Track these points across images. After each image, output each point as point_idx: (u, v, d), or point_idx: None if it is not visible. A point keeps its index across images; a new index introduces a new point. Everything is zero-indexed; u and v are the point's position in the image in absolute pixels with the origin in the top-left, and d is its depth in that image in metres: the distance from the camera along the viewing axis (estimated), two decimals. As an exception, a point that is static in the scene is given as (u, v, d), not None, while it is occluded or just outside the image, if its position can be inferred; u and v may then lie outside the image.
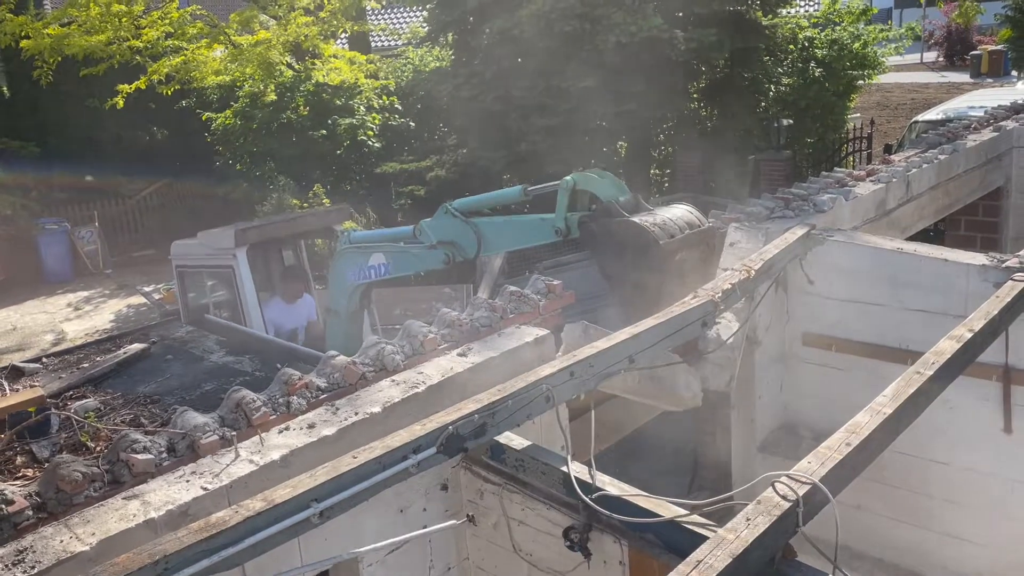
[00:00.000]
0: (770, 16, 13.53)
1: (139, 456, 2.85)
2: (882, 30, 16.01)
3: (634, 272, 4.44)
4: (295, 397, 3.25)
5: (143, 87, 14.25)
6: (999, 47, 23.93)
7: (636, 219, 4.47)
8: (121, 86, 14.01)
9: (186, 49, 14.26)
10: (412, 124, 15.88)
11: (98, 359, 4.39)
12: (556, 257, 9.56)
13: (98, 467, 2.82)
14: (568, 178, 4.90)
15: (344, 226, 8.29)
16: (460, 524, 3.38)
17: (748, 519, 2.46)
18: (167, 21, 14.27)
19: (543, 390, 3.19)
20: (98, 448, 3.17)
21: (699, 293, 4.17)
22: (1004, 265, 4.45)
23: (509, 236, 5.44)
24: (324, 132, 14.28)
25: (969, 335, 3.66)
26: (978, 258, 4.62)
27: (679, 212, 4.70)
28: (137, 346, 4.50)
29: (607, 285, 4.81)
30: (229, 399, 3.17)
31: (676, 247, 4.44)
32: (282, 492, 2.51)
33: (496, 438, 3.21)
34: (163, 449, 2.93)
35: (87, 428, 3.19)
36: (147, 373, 4.20)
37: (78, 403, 3.58)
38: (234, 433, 2.98)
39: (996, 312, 3.90)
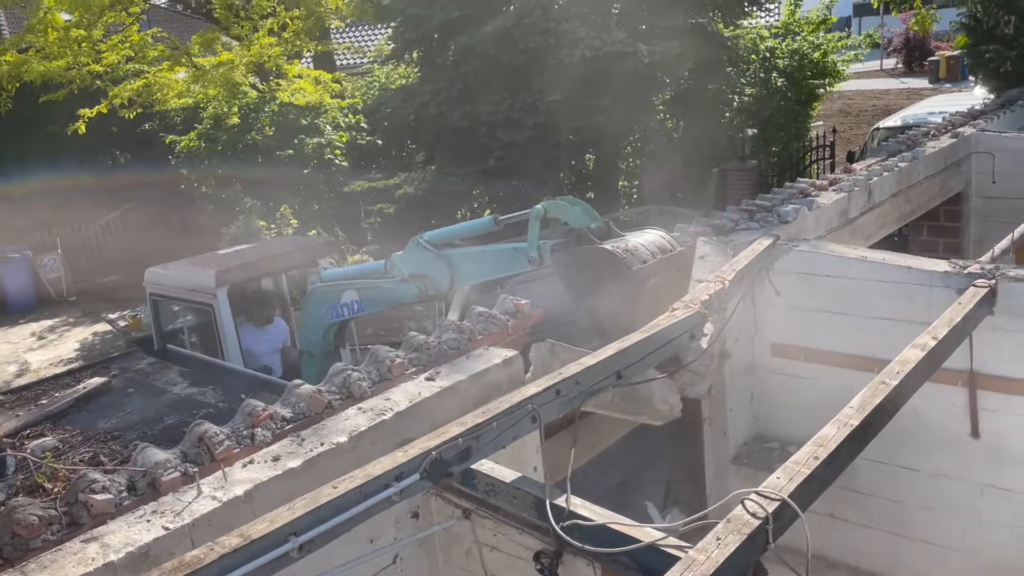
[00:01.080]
0: (731, 28, 13.71)
1: (98, 496, 2.77)
2: (841, 38, 16.29)
3: (607, 299, 4.43)
4: (259, 429, 3.19)
5: (104, 111, 14.07)
6: (956, 53, 24.44)
7: (608, 245, 4.46)
8: (82, 111, 13.83)
9: (147, 72, 14.11)
10: (379, 142, 15.84)
11: (57, 395, 4.28)
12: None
13: (56, 509, 2.74)
14: (539, 206, 4.89)
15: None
16: (437, 545, 3.32)
17: (718, 538, 2.45)
18: (127, 45, 14.12)
19: (528, 410, 3.15)
20: (56, 489, 3.08)
21: (678, 307, 4.18)
22: (966, 271, 4.50)
23: (482, 267, 5.38)
24: (291, 152, 14.19)
25: (933, 343, 3.70)
26: (940, 265, 4.67)
27: (651, 237, 4.70)
28: (97, 380, 4.40)
29: (576, 303, 4.80)
30: (191, 433, 3.10)
31: (649, 272, 4.44)
32: (259, 527, 2.44)
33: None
34: (123, 488, 2.85)
35: (44, 469, 3.10)
36: (107, 408, 4.10)
37: (36, 442, 3.49)
38: (196, 469, 2.91)
39: (959, 319, 3.95)
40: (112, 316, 13.48)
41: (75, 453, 3.45)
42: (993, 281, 4.30)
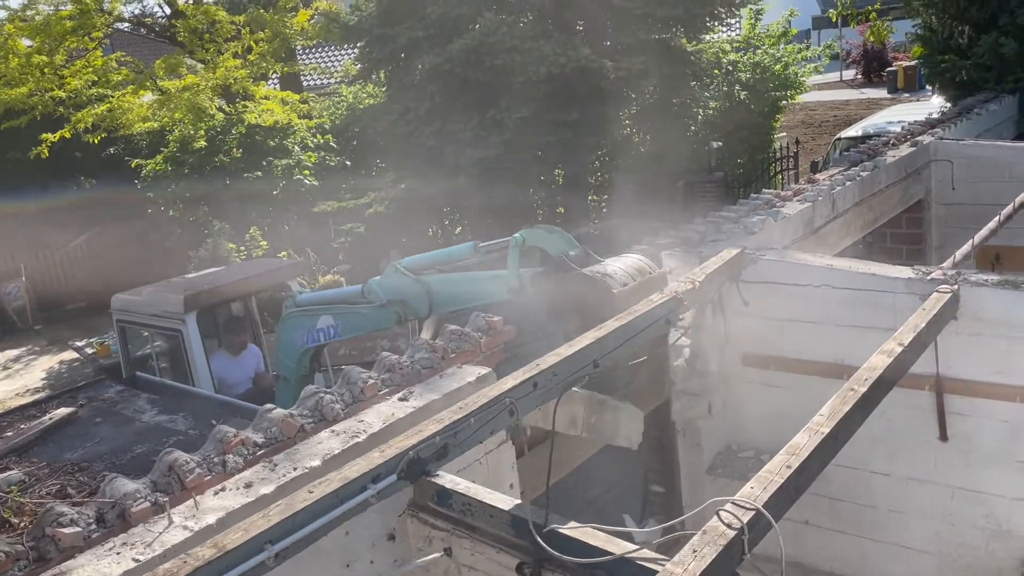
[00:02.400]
0: (694, 43, 13.89)
1: (66, 530, 2.72)
2: (800, 50, 16.59)
3: (590, 324, 4.45)
4: (231, 455, 3.15)
5: (68, 136, 13.91)
6: (913, 63, 24.98)
7: (587, 271, 4.48)
8: (45, 135, 13.65)
9: (111, 96, 13.97)
10: (348, 162, 15.82)
11: (22, 426, 4.20)
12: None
13: (23, 544, 2.68)
14: (517, 235, 4.88)
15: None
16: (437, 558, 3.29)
17: (695, 550, 2.46)
18: (91, 69, 13.99)
19: (506, 404, 3.14)
20: (22, 523, 3.01)
21: (653, 296, 4.21)
22: (929, 277, 4.59)
23: (462, 293, 5.33)
24: (259, 174, 14.12)
25: (899, 349, 3.76)
26: (904, 271, 4.76)
27: (630, 261, 4.72)
28: (64, 410, 4.32)
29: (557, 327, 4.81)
30: (161, 462, 3.05)
31: (629, 295, 4.47)
32: (234, 536, 2.40)
33: (442, 483, 3.15)
34: (92, 520, 2.80)
35: (10, 503, 3.03)
36: (75, 438, 4.03)
37: (1, 476, 3.41)
38: (166, 498, 2.87)
39: (924, 324, 4.02)
40: (79, 343, 13.23)
41: (42, 486, 3.38)
42: (955, 287, 4.39)
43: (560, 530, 2.89)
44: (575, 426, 4.10)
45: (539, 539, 2.82)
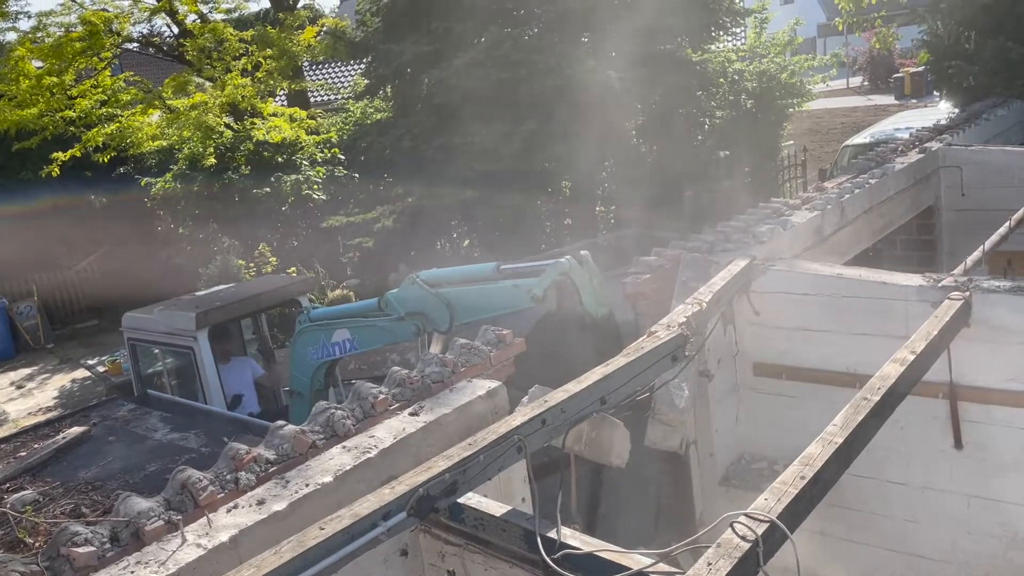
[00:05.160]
0: (700, 53, 13.91)
1: (80, 549, 2.72)
2: (807, 59, 16.58)
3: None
4: (243, 472, 3.15)
5: (78, 155, 14.02)
6: (920, 69, 24.96)
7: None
8: (56, 155, 13.77)
9: (121, 116, 14.08)
10: (356, 176, 15.89)
11: (36, 446, 4.22)
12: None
13: (37, 564, 2.69)
14: (564, 261, 4.87)
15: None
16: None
17: (709, 563, 2.44)
18: (100, 90, 14.11)
19: (515, 441, 3.14)
20: (37, 544, 3.02)
21: (657, 329, 4.19)
22: (940, 285, 4.57)
23: (482, 304, 5.31)
24: (268, 190, 14.18)
25: (912, 357, 3.74)
26: (915, 279, 4.74)
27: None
28: (77, 429, 4.33)
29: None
30: (174, 480, 3.06)
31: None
32: (246, 574, 2.40)
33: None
34: (106, 539, 2.80)
35: (24, 523, 3.04)
36: (88, 457, 4.04)
37: (15, 496, 3.42)
38: (180, 516, 2.87)
39: (936, 332, 4.00)
40: (91, 362, 13.31)
41: (56, 505, 3.39)
42: (967, 293, 4.37)
43: (572, 546, 2.87)
44: (579, 441, 4.10)
45: (550, 557, 2.80)
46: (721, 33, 14.12)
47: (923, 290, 4.59)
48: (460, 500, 3.17)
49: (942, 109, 12.84)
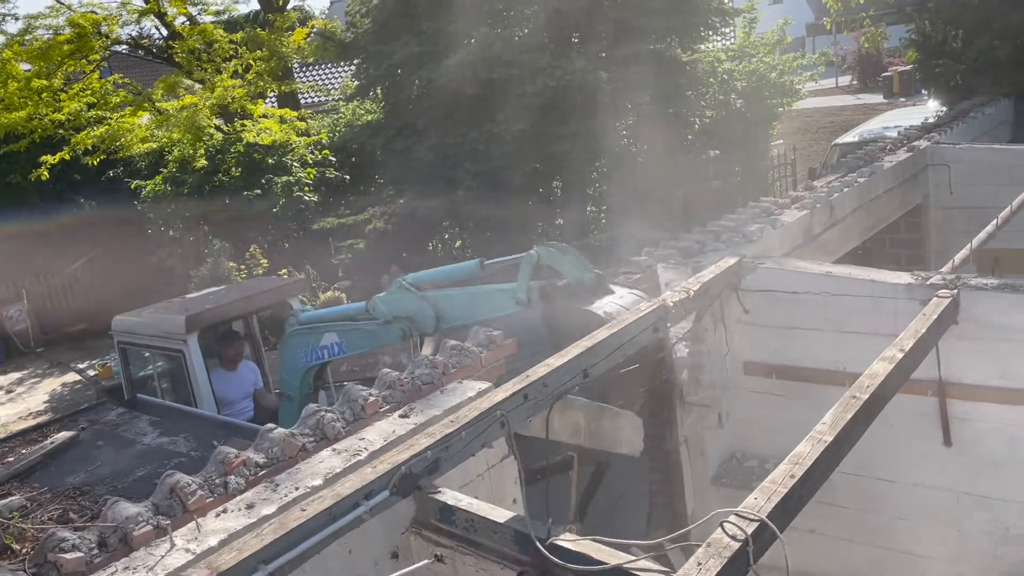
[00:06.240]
0: (689, 53, 13.93)
1: (68, 555, 2.71)
2: (796, 58, 16.63)
3: None
4: (233, 476, 3.14)
5: (67, 158, 13.95)
6: (908, 68, 25.05)
7: (593, 309, 4.48)
8: (45, 158, 13.70)
9: (110, 118, 14.02)
10: (347, 178, 15.86)
11: (24, 451, 4.19)
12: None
13: (24, 571, 2.67)
14: (532, 252, 4.87)
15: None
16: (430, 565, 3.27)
17: (699, 563, 2.45)
18: (89, 92, 14.05)
19: (497, 416, 3.13)
20: (24, 550, 3.00)
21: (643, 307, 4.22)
22: (928, 283, 4.59)
23: (468, 308, 5.31)
24: (258, 192, 14.14)
25: (901, 355, 3.75)
26: (903, 277, 4.76)
27: (630, 299, 4.72)
28: (65, 434, 4.31)
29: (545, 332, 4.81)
30: (163, 484, 3.04)
31: None
32: (227, 557, 2.39)
33: (445, 499, 3.14)
34: (93, 545, 2.78)
35: (12, 529, 3.02)
36: (76, 462, 4.01)
37: (2, 502, 3.40)
38: (168, 521, 2.85)
39: (924, 330, 4.01)
40: (81, 366, 13.24)
41: (43, 511, 3.37)
42: (955, 291, 4.39)
43: (563, 543, 2.87)
44: (578, 434, 4.10)
45: (543, 550, 2.80)
46: (710, 33, 14.15)
47: (912, 288, 4.61)
48: (451, 502, 3.17)
49: (930, 108, 12.90)
